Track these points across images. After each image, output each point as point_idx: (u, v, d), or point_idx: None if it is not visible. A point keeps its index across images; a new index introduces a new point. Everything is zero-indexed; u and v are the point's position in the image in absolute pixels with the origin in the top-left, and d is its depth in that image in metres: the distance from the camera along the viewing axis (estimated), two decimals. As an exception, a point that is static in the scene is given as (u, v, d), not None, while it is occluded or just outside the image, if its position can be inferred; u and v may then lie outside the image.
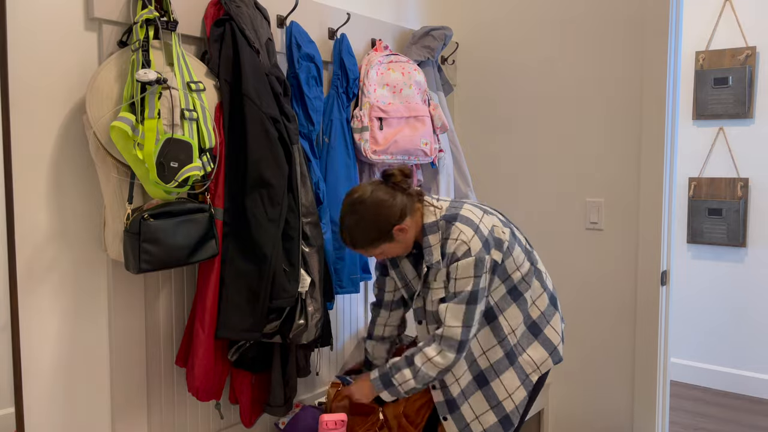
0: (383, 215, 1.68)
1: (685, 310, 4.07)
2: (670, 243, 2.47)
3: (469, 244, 1.67)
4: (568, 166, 2.62)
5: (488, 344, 1.79)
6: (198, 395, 1.77)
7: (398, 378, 1.72)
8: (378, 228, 1.68)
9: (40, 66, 1.54)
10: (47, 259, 1.58)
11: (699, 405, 3.74)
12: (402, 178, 1.74)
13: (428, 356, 1.69)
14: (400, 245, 1.74)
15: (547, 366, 1.84)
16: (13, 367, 1.50)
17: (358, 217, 1.68)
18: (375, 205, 1.68)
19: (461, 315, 1.67)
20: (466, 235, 1.68)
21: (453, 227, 1.69)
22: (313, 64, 2.01)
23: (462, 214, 1.72)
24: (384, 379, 1.75)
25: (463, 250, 1.66)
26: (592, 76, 2.54)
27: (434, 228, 1.72)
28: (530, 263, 1.83)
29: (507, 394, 1.80)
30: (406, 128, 2.25)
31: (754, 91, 3.75)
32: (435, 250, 1.71)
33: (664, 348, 2.47)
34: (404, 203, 1.71)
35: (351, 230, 1.70)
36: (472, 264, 1.66)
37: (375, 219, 1.68)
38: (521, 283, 1.80)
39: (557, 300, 1.92)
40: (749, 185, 3.80)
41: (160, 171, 1.50)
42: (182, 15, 1.75)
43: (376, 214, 1.68)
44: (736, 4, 3.77)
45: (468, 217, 1.72)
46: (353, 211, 1.69)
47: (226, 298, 1.72)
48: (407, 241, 1.74)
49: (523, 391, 1.81)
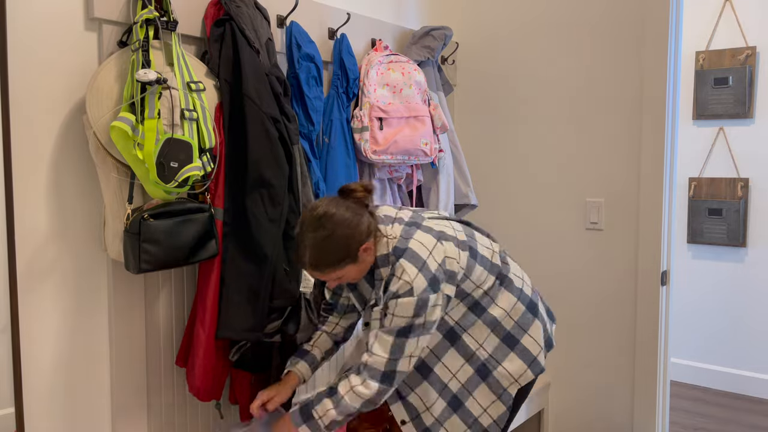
0: (351, 234, 1.53)
1: (685, 310, 4.07)
2: (670, 243, 2.47)
3: (412, 283, 1.53)
4: (568, 166, 2.62)
5: (456, 365, 1.71)
6: (198, 395, 1.77)
7: (319, 410, 1.58)
8: (347, 246, 1.53)
9: (40, 66, 1.54)
10: (47, 259, 1.58)
11: (699, 405, 3.74)
12: (364, 194, 1.61)
13: (351, 384, 1.57)
14: (360, 268, 1.60)
15: (527, 378, 1.74)
16: (13, 367, 1.50)
17: (324, 234, 1.52)
18: (344, 221, 1.53)
19: (388, 346, 1.56)
20: (409, 274, 1.54)
21: (398, 264, 1.56)
22: (313, 64, 2.01)
23: (410, 247, 1.58)
24: (304, 411, 1.60)
25: (405, 289, 1.53)
26: (592, 76, 2.54)
27: (385, 261, 1.59)
28: (494, 277, 1.73)
29: (482, 409, 1.72)
30: (406, 128, 2.25)
31: (754, 91, 3.75)
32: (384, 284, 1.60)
33: (664, 348, 2.47)
34: (369, 221, 1.58)
35: (314, 248, 1.53)
36: (412, 304, 1.54)
37: (345, 236, 1.52)
38: (484, 298, 1.71)
39: (537, 306, 1.80)
40: (749, 185, 3.80)
41: (160, 171, 1.50)
42: (182, 15, 1.75)
43: (344, 233, 1.52)
44: (736, 4, 3.77)
45: (415, 251, 1.57)
46: (319, 227, 1.52)
47: (226, 298, 1.72)
48: (367, 263, 1.60)
49: (501, 405, 1.72)
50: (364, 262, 1.59)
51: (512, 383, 1.73)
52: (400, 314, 1.55)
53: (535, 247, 2.72)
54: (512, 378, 1.73)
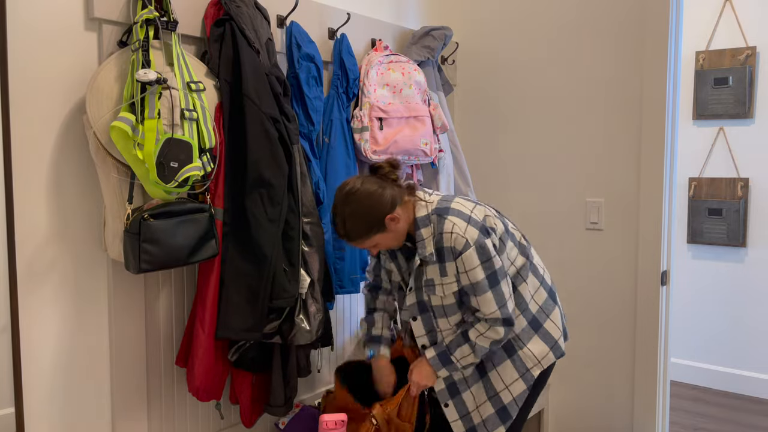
0: (375, 205, 1.70)
1: (685, 310, 4.07)
2: (670, 243, 2.47)
3: (465, 235, 1.69)
4: (568, 166, 2.62)
5: None
6: (198, 395, 1.77)
7: (457, 354, 1.78)
8: (371, 218, 1.70)
9: (40, 66, 1.54)
10: (47, 260, 1.58)
11: (699, 405, 3.74)
12: (390, 169, 1.77)
13: (479, 331, 1.75)
14: (393, 236, 1.76)
15: (549, 360, 1.85)
16: (13, 367, 1.50)
17: (351, 208, 1.70)
18: (366, 195, 1.70)
19: (491, 301, 1.72)
20: (459, 227, 1.70)
21: (445, 221, 1.72)
22: (313, 64, 2.01)
23: (453, 207, 1.75)
24: (442, 357, 1.80)
25: (462, 243, 1.69)
26: (592, 76, 2.54)
27: (426, 221, 1.75)
28: (525, 257, 1.85)
29: (504, 385, 1.83)
30: (406, 128, 2.25)
31: (754, 91, 3.75)
32: (428, 243, 1.74)
33: (664, 348, 2.47)
34: (393, 193, 1.74)
35: (345, 222, 1.72)
36: (474, 253, 1.69)
37: (367, 209, 1.70)
38: (516, 278, 1.83)
39: (556, 295, 1.94)
40: (749, 185, 3.80)
41: (160, 171, 1.50)
42: (182, 15, 1.75)
43: (368, 205, 1.70)
44: (736, 4, 3.77)
45: (458, 209, 1.74)
46: (346, 203, 1.71)
47: (226, 298, 1.72)
48: (399, 231, 1.76)
49: (522, 384, 1.83)
50: (395, 231, 1.75)
51: (536, 365, 1.84)
52: (471, 267, 1.70)
53: (535, 247, 2.72)
54: (536, 359, 1.84)
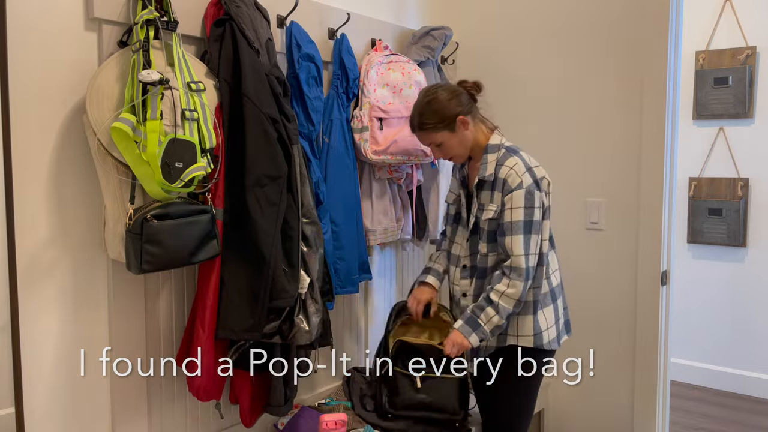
0: (452, 102, 1.85)
1: (685, 310, 4.06)
2: (670, 243, 2.47)
3: (521, 177, 1.81)
4: (568, 166, 2.62)
5: None
6: (198, 395, 1.77)
7: (483, 318, 1.82)
8: (445, 111, 1.84)
9: (40, 66, 1.54)
10: (47, 260, 1.58)
11: (700, 405, 3.73)
12: (472, 86, 1.93)
13: (500, 291, 1.81)
14: (458, 141, 1.88)
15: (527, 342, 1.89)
16: (13, 367, 1.50)
17: (430, 98, 1.86)
18: (448, 91, 1.88)
19: (521, 243, 1.80)
20: (519, 167, 1.83)
21: (510, 157, 1.85)
22: (313, 64, 2.01)
23: (521, 153, 1.89)
24: (471, 322, 1.84)
25: (516, 182, 1.81)
26: (593, 76, 2.54)
27: (495, 149, 1.89)
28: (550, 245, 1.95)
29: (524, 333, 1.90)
30: (406, 128, 2.24)
31: (754, 91, 3.75)
32: (490, 165, 1.87)
33: (664, 348, 2.47)
34: (471, 103, 1.90)
35: (422, 112, 1.87)
36: (522, 195, 1.80)
37: (444, 102, 1.85)
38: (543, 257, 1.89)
39: (558, 299, 1.98)
40: (749, 185, 3.80)
41: (165, 171, 1.49)
42: (182, 15, 1.75)
43: (446, 98, 1.86)
44: (736, 4, 3.77)
45: (526, 157, 1.88)
46: (427, 93, 1.89)
47: (225, 298, 1.72)
48: (465, 139, 1.89)
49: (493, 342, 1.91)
50: (461, 137, 1.88)
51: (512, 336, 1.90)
52: (514, 206, 1.81)
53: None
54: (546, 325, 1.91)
